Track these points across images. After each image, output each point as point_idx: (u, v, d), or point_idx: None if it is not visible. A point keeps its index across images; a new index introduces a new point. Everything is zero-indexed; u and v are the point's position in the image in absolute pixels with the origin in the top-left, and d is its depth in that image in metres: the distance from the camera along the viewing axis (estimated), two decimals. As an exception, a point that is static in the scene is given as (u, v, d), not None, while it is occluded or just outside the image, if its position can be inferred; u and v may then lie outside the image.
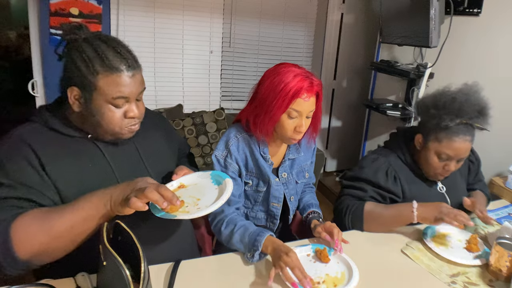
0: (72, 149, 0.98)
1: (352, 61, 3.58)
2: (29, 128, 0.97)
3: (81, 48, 0.92)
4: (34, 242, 0.84)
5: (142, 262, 0.79)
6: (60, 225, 0.85)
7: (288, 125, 1.17)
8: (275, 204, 1.34)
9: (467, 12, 2.25)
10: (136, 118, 1.00)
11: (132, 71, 0.95)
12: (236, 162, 1.26)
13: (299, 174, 1.38)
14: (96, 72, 0.91)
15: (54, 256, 0.89)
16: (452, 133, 1.22)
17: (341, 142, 3.79)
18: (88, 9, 2.54)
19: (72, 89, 0.93)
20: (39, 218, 0.86)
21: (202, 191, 1.06)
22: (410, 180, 1.37)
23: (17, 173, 0.89)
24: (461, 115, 1.21)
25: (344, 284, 1.02)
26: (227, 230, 1.17)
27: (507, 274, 1.08)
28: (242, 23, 3.11)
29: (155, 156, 1.14)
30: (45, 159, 0.92)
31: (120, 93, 0.93)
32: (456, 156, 1.25)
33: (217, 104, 3.21)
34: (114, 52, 0.93)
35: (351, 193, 1.36)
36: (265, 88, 1.17)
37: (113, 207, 0.87)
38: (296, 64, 1.19)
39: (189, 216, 0.92)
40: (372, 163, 1.38)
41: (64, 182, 0.94)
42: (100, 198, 0.88)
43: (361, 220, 1.29)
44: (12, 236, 0.83)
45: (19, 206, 0.87)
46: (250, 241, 1.10)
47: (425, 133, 1.30)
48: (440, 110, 1.24)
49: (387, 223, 1.28)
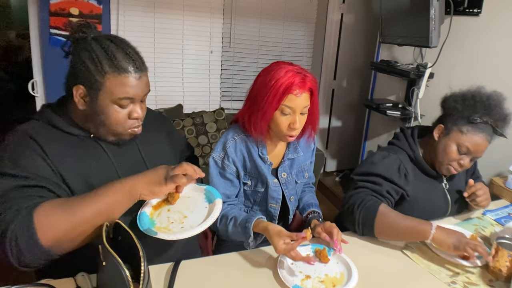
0: (76, 146, 0.98)
1: (352, 61, 3.58)
2: (33, 125, 0.98)
3: (90, 47, 0.93)
4: (58, 228, 0.84)
5: (142, 262, 0.79)
6: (83, 212, 0.86)
7: (282, 122, 1.16)
8: (273, 205, 1.34)
9: (467, 12, 2.25)
10: (139, 119, 1.01)
11: (139, 73, 0.96)
12: (234, 164, 1.26)
13: (299, 174, 1.38)
14: (105, 72, 0.92)
15: (76, 243, 0.89)
16: (477, 129, 1.26)
17: (341, 142, 3.79)
18: (88, 9, 2.54)
19: (78, 87, 0.94)
20: (62, 205, 0.86)
21: (191, 207, 1.06)
22: (417, 177, 1.37)
23: (32, 166, 0.89)
24: (490, 114, 1.26)
25: (343, 284, 1.02)
26: (222, 226, 1.22)
27: (507, 274, 1.08)
28: (242, 23, 3.11)
29: (156, 156, 1.14)
30: (52, 155, 0.92)
31: (126, 94, 0.94)
32: (474, 152, 1.27)
33: (217, 104, 3.21)
34: (123, 53, 0.94)
35: (367, 186, 1.30)
36: (258, 86, 1.18)
37: (150, 187, 0.93)
38: (291, 62, 1.19)
39: (169, 237, 0.94)
40: (384, 159, 1.35)
41: (71, 177, 0.94)
42: (123, 183, 0.92)
43: (373, 218, 1.20)
44: (36, 223, 0.82)
45: (39, 195, 0.87)
46: (242, 230, 1.15)
47: (450, 122, 1.31)
48: (477, 102, 1.27)
49: (398, 233, 1.21)
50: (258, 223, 1.13)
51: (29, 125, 0.98)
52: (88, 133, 1.02)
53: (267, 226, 1.09)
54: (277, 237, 1.05)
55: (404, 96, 2.74)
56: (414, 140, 1.41)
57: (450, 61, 2.37)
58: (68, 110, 1.01)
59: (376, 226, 1.21)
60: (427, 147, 1.39)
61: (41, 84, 2.61)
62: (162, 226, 0.98)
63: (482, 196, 1.35)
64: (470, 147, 1.27)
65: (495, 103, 1.27)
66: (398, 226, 1.19)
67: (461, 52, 2.32)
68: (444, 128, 1.32)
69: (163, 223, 0.99)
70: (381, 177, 1.31)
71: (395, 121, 2.83)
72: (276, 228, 1.07)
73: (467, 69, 2.30)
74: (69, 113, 1.01)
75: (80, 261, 0.93)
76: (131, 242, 0.83)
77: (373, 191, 1.28)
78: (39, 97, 2.63)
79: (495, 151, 2.06)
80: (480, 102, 1.26)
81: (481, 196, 1.35)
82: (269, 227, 1.08)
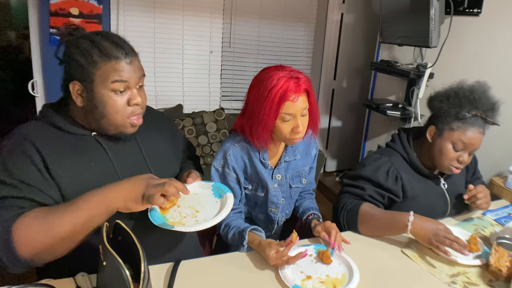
0: (75, 147, 0.98)
1: (352, 61, 3.58)
2: (33, 126, 0.98)
3: (78, 43, 0.95)
4: (36, 242, 0.85)
5: (142, 262, 0.79)
6: (61, 226, 0.86)
7: (285, 128, 1.15)
8: (272, 209, 1.34)
9: (467, 12, 2.25)
10: (139, 105, 1.01)
11: (130, 57, 0.97)
12: (234, 171, 1.26)
13: (295, 178, 1.36)
14: (95, 62, 0.93)
15: (57, 254, 0.89)
16: (468, 124, 1.25)
17: (341, 142, 3.79)
18: (88, 9, 2.54)
19: (74, 84, 0.95)
20: (40, 219, 0.86)
21: (202, 202, 1.06)
22: (413, 179, 1.37)
23: (19, 171, 0.89)
24: (478, 107, 1.25)
25: (343, 285, 1.02)
26: (223, 232, 1.24)
27: (507, 274, 1.08)
28: (242, 23, 3.11)
29: (157, 155, 1.14)
30: (48, 158, 0.92)
31: (119, 77, 0.95)
32: (470, 146, 1.27)
33: (217, 104, 3.21)
34: (110, 42, 0.96)
35: (350, 191, 1.37)
36: (253, 98, 1.17)
37: (127, 205, 0.89)
38: (280, 65, 1.16)
39: (186, 229, 0.93)
40: (374, 162, 1.38)
41: (66, 181, 0.94)
42: (100, 198, 0.89)
43: (355, 220, 1.27)
44: (14, 237, 0.83)
45: (20, 206, 0.88)
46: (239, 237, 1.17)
47: (440, 123, 1.31)
48: (461, 99, 1.27)
49: (380, 229, 1.26)
50: (253, 240, 1.14)
51: (29, 126, 0.98)
52: (90, 132, 1.02)
53: (260, 241, 1.12)
54: (268, 248, 1.06)
55: (404, 96, 2.74)
56: (408, 142, 1.42)
57: (450, 61, 2.37)
58: (69, 109, 1.02)
59: (360, 226, 1.28)
60: (424, 148, 1.39)
61: (41, 84, 2.61)
62: (176, 221, 0.97)
63: (482, 199, 1.35)
64: (465, 142, 1.27)
65: (479, 95, 1.26)
66: (379, 223, 1.26)
67: (461, 52, 2.33)
68: (436, 129, 1.33)
69: (176, 218, 0.98)
70: (368, 180, 1.35)
71: (395, 121, 2.83)
72: (267, 241, 1.10)
73: (467, 69, 2.30)
74: (69, 112, 1.02)
75: (80, 261, 0.93)
76: (131, 242, 0.83)
77: (355, 195, 1.35)
78: (39, 97, 2.63)
79: (495, 151, 2.07)
80: (464, 97, 1.26)
81: (481, 199, 1.35)
82: (261, 242, 1.11)
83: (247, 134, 1.22)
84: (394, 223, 1.22)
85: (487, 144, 1.72)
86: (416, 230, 1.18)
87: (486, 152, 1.30)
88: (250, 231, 1.16)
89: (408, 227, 1.17)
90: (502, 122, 1.32)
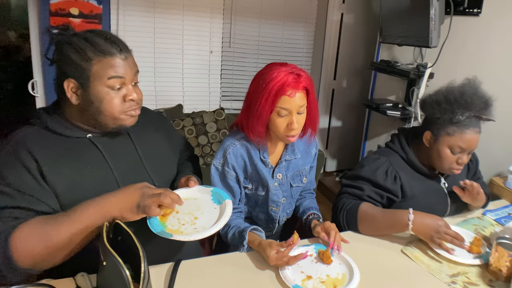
0: (71, 151, 0.98)
1: (352, 61, 3.58)
2: (28, 132, 0.97)
3: (71, 41, 0.95)
4: (34, 253, 0.85)
5: (142, 262, 0.79)
6: (58, 237, 0.86)
7: (280, 123, 1.15)
8: (273, 208, 1.34)
9: (467, 12, 2.25)
10: (135, 101, 1.01)
11: (124, 53, 0.97)
12: (234, 170, 1.26)
13: (295, 177, 1.36)
14: (90, 58, 0.93)
15: (55, 262, 0.90)
16: (463, 126, 1.24)
17: (341, 142, 3.79)
18: (88, 9, 2.54)
19: (69, 82, 0.95)
20: (38, 229, 0.86)
21: (201, 208, 1.05)
22: (412, 179, 1.37)
23: (15, 180, 0.89)
24: (470, 108, 1.24)
25: (344, 285, 1.02)
26: (223, 232, 1.24)
27: (507, 274, 1.08)
28: (242, 23, 3.11)
29: (154, 157, 1.14)
30: (44, 164, 0.92)
31: (115, 73, 0.95)
32: (468, 148, 1.27)
33: (217, 104, 3.22)
34: (104, 39, 0.96)
35: (349, 191, 1.37)
36: (252, 90, 1.18)
37: (123, 215, 0.89)
38: (285, 63, 1.17)
39: (184, 238, 0.93)
40: (373, 162, 1.38)
41: (63, 187, 0.94)
42: (97, 209, 0.89)
43: (355, 220, 1.27)
44: (12, 248, 0.83)
45: (16, 216, 0.87)
46: (239, 236, 1.18)
47: (435, 128, 1.30)
48: (452, 104, 1.25)
49: (380, 228, 1.26)
50: (253, 240, 1.14)
51: (23, 132, 0.97)
52: (85, 133, 1.01)
53: (260, 241, 1.12)
54: (269, 248, 1.06)
55: (404, 96, 2.74)
56: (407, 142, 1.42)
57: (450, 61, 2.37)
58: (64, 111, 1.01)
59: (360, 225, 1.28)
60: (422, 149, 1.38)
61: (41, 84, 2.61)
62: (174, 228, 0.97)
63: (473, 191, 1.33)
64: (462, 145, 1.26)
65: (470, 96, 1.24)
66: (379, 222, 1.25)
67: (461, 52, 2.33)
68: (432, 134, 1.32)
69: (175, 225, 0.98)
70: (367, 180, 1.35)
71: (395, 121, 2.83)
72: (268, 241, 1.09)
73: (467, 69, 2.30)
74: (64, 114, 1.01)
75: (80, 261, 0.93)
76: (131, 242, 0.83)
77: (353, 196, 1.35)
78: (39, 97, 2.63)
79: (495, 151, 2.07)
80: (455, 101, 1.25)
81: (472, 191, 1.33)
82: (262, 242, 1.11)
83: (244, 126, 1.22)
84: (394, 222, 1.22)
85: (487, 144, 1.72)
86: (417, 228, 1.18)
87: (486, 152, 1.30)
88: (250, 231, 1.16)
89: (409, 225, 1.18)
90: (502, 122, 1.32)
